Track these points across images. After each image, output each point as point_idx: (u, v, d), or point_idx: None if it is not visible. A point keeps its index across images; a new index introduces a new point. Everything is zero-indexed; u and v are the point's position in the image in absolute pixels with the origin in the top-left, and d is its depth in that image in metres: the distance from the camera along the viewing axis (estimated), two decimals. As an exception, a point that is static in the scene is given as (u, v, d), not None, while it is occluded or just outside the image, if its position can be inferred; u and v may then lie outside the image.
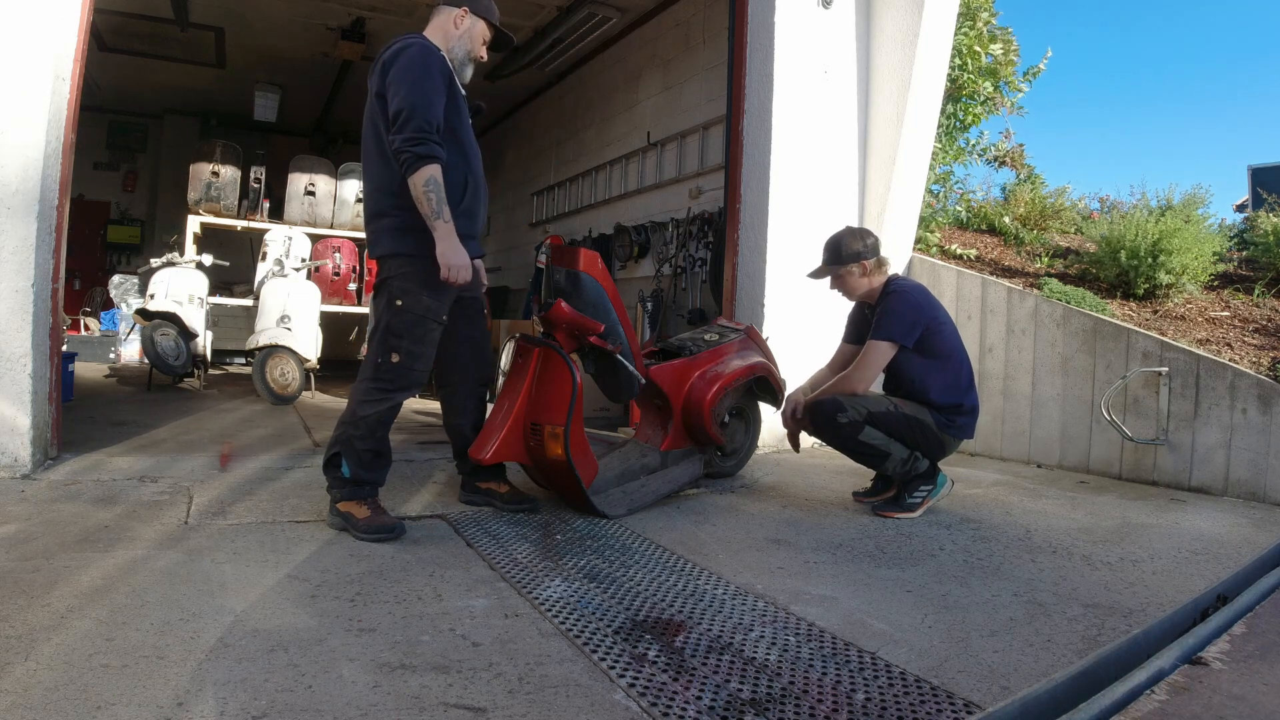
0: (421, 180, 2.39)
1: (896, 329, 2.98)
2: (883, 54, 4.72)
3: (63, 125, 3.11)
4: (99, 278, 9.53)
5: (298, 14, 6.96)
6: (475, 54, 2.70)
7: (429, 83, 2.43)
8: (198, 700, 1.43)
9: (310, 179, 7.08)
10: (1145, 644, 1.54)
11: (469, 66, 2.70)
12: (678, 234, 6.21)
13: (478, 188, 2.66)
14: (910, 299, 3.04)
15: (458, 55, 2.66)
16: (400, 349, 2.53)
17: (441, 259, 2.43)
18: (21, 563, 2.09)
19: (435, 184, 2.40)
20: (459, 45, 2.65)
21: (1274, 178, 6.54)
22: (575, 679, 1.60)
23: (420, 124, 2.38)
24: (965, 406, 3.08)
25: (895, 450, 3.01)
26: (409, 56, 2.46)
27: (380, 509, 2.56)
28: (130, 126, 10.45)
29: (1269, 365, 3.64)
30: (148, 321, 5.57)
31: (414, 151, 2.37)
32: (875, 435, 2.99)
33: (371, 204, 2.63)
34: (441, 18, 2.66)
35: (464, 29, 2.65)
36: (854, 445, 3.04)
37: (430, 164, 2.40)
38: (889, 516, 3.02)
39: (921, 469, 3.06)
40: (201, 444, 3.87)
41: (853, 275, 3.11)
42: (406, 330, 2.53)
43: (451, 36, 2.64)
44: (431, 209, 2.41)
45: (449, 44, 2.63)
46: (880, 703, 1.55)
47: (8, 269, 2.94)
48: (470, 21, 2.66)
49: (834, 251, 3.14)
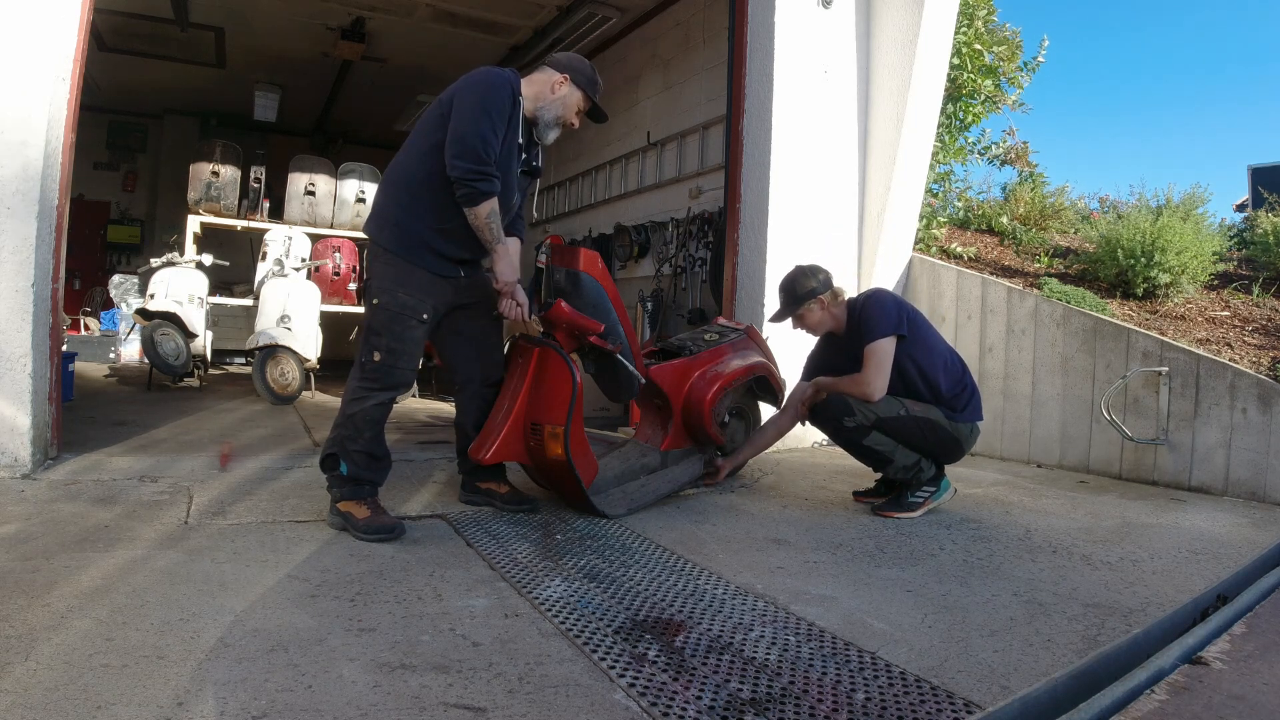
0: (485, 213, 2.53)
1: (887, 323, 2.97)
2: (883, 54, 4.72)
3: (63, 125, 3.11)
4: (99, 278, 9.53)
5: (298, 14, 6.96)
6: (566, 120, 2.76)
7: (491, 118, 2.51)
8: (198, 700, 1.43)
9: (310, 179, 7.08)
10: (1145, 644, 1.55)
11: (554, 130, 2.76)
12: (678, 234, 6.21)
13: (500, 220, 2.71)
14: (882, 296, 3.09)
15: (546, 117, 2.72)
16: (381, 347, 2.55)
17: (500, 277, 2.62)
18: (21, 563, 2.09)
19: (495, 215, 2.54)
20: (550, 108, 2.72)
21: (1274, 178, 6.54)
22: (575, 679, 1.60)
23: (483, 160, 2.47)
24: (968, 388, 3.09)
25: (900, 457, 3.01)
26: (479, 87, 2.54)
27: (380, 509, 2.56)
28: (130, 126, 10.44)
29: (1269, 365, 3.64)
30: (148, 321, 5.57)
31: (477, 187, 2.49)
32: (882, 440, 2.99)
33: (386, 189, 2.68)
34: (542, 76, 2.74)
35: (560, 95, 2.72)
36: (859, 448, 3.04)
37: (490, 199, 2.52)
38: (889, 516, 3.02)
39: (925, 477, 3.06)
40: (201, 444, 3.87)
41: (813, 313, 3.14)
42: (385, 328, 2.56)
43: (544, 97, 2.71)
44: (493, 235, 2.57)
45: (539, 102, 2.71)
46: (880, 702, 1.55)
47: (8, 269, 2.94)
48: (568, 90, 2.72)
49: (789, 294, 3.16)
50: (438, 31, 7.21)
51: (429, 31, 7.22)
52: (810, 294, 3.11)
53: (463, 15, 6.90)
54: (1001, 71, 5.91)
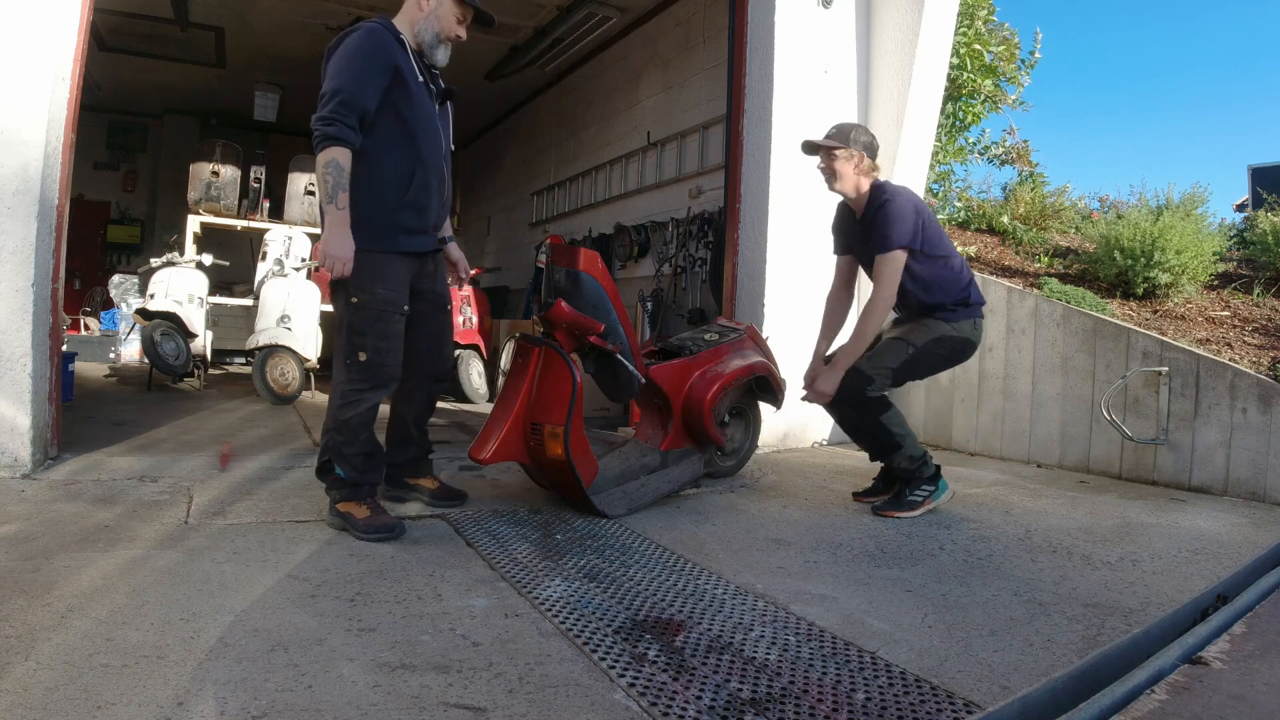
0: (322, 162, 2.34)
1: (902, 233, 2.93)
2: (883, 54, 4.72)
3: (63, 125, 3.11)
4: (99, 278, 9.52)
5: (298, 14, 6.96)
6: (446, 34, 2.59)
7: (360, 66, 2.37)
8: (198, 700, 1.43)
9: (310, 179, 7.07)
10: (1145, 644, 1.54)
11: (440, 48, 2.60)
12: (678, 234, 6.21)
13: (427, 179, 2.55)
14: (903, 198, 3.01)
15: (425, 38, 2.57)
16: (366, 346, 2.49)
17: (321, 245, 2.40)
18: (21, 563, 2.09)
19: (336, 167, 2.34)
20: (426, 27, 2.55)
21: (1274, 178, 6.54)
22: (575, 679, 1.60)
23: (336, 106, 2.32)
24: (972, 300, 3.09)
25: (909, 445, 3.02)
26: (349, 42, 2.42)
27: (380, 508, 2.56)
28: (130, 126, 10.45)
29: (1269, 365, 3.64)
30: (148, 321, 5.57)
31: (323, 131, 2.33)
32: (895, 421, 3.00)
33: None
34: (409, 1, 2.58)
35: (429, 10, 2.55)
36: (873, 427, 3.02)
37: (335, 145, 2.34)
38: (889, 515, 3.02)
39: (926, 474, 3.07)
40: (201, 444, 3.87)
41: (849, 161, 3.05)
42: (369, 326, 2.49)
43: (417, 20, 2.55)
44: (325, 193, 2.35)
45: (415, 28, 2.55)
46: (880, 702, 1.55)
47: (8, 269, 2.94)
48: (436, 3, 2.55)
49: (841, 131, 3.08)
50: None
51: (429, 31, 7.22)
52: (859, 145, 3.04)
53: (461, 14, 6.90)
54: (1001, 71, 5.91)
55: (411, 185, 2.52)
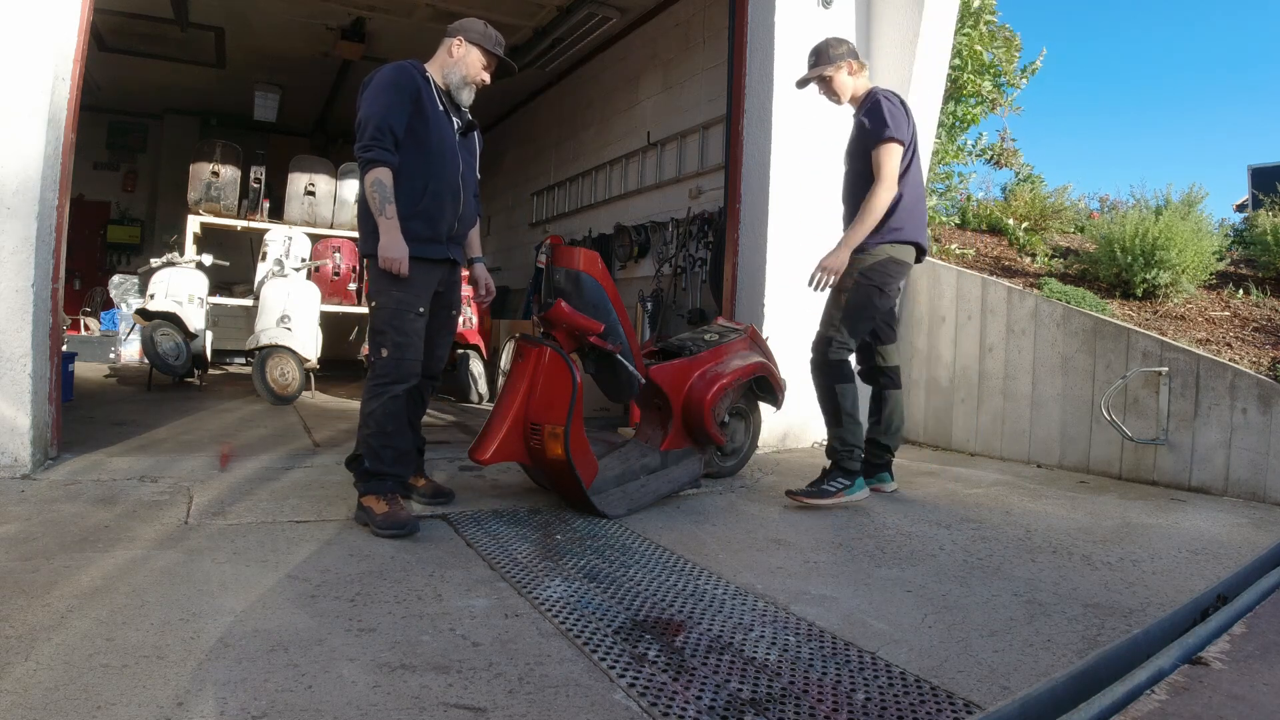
0: (369, 182, 2.63)
1: (894, 126, 3.06)
2: (883, 54, 4.72)
3: (63, 125, 3.11)
4: (99, 278, 9.52)
5: (298, 14, 6.96)
6: (471, 79, 2.86)
7: (388, 96, 2.64)
8: (198, 700, 1.43)
9: (310, 179, 7.08)
10: (1145, 644, 1.54)
11: (466, 89, 2.87)
12: (678, 234, 6.21)
13: (440, 192, 2.76)
14: (897, 100, 3.17)
15: (453, 80, 2.84)
16: (386, 343, 2.68)
17: (380, 250, 2.62)
18: (21, 563, 2.09)
19: (380, 185, 2.61)
20: (454, 71, 2.84)
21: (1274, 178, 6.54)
22: (575, 679, 1.60)
23: (373, 132, 2.60)
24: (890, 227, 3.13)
25: (847, 427, 3.14)
26: (379, 77, 2.70)
27: (398, 504, 2.63)
28: (130, 126, 10.44)
29: (1269, 365, 3.64)
30: (148, 321, 5.57)
31: (364, 157, 2.63)
32: (848, 397, 3.13)
33: (360, 203, 2.84)
34: (441, 46, 2.88)
35: (458, 57, 2.84)
36: (828, 394, 3.16)
37: (376, 167, 2.61)
38: (799, 500, 3.10)
39: (851, 466, 3.15)
40: (201, 444, 3.87)
41: (841, 72, 3.24)
42: (387, 324, 2.68)
43: (447, 64, 2.84)
44: (375, 207, 2.62)
45: (444, 70, 2.84)
46: (880, 703, 1.55)
47: (8, 269, 2.94)
48: (465, 50, 2.84)
49: (820, 54, 3.26)
50: (438, 31, 7.08)
51: (429, 31, 7.21)
52: (841, 56, 3.22)
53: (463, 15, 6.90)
54: (1000, 71, 5.91)
55: (424, 197, 2.72)
